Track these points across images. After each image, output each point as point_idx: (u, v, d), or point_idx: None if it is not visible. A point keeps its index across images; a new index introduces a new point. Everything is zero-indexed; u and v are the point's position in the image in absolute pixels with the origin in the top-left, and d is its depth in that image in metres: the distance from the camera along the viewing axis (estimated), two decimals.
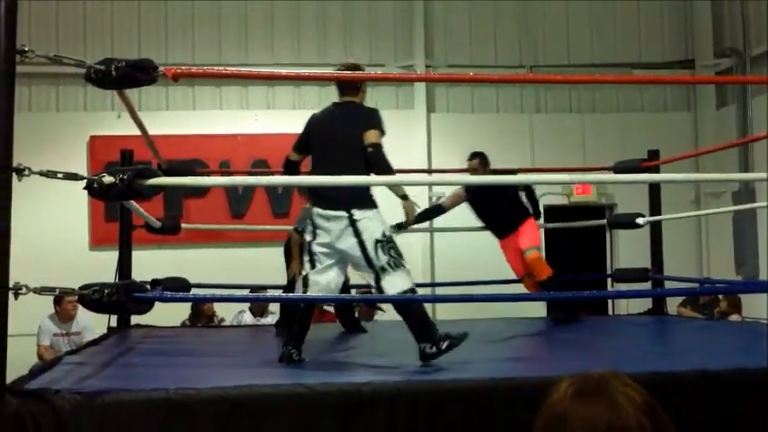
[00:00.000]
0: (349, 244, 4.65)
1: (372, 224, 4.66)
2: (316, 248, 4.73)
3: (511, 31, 12.37)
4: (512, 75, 11.97)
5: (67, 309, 8.76)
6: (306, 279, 4.75)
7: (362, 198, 4.69)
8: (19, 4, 3.31)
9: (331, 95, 12.53)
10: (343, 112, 5.00)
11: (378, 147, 4.79)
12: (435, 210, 7.85)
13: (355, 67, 5.20)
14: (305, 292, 4.72)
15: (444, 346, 4.39)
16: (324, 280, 4.71)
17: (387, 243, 4.64)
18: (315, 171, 4.97)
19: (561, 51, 12.39)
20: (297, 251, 6.13)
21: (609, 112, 12.40)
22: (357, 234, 4.63)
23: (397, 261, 4.64)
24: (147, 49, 11.02)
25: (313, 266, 4.72)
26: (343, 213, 4.65)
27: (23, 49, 3.32)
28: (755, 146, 10.83)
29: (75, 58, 3.62)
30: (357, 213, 4.66)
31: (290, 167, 5.27)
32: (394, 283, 4.61)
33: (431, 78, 12.57)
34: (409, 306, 4.64)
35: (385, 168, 4.82)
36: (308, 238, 4.79)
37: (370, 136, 4.78)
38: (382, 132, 4.89)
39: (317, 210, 4.74)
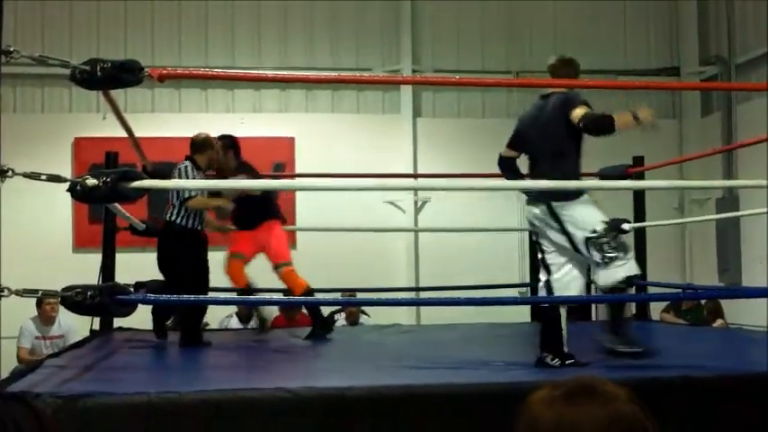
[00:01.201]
0: (555, 236, 4.68)
1: (576, 216, 4.64)
2: (544, 249, 4.75)
3: (498, 37, 12.39)
4: (497, 78, 11.99)
5: (46, 311, 8.70)
6: (548, 284, 4.74)
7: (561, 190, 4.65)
8: (4, 4, 3.29)
9: (318, 99, 12.68)
10: (543, 105, 5.01)
11: (585, 116, 4.57)
12: None
13: (569, 62, 5.40)
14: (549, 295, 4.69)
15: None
16: (564, 279, 4.70)
17: (597, 239, 4.53)
18: (531, 169, 5.07)
19: (548, 58, 12.36)
20: None
21: None
22: (560, 224, 4.65)
23: (610, 257, 4.51)
24: (134, 52, 10.97)
25: (548, 270, 4.73)
26: (543, 206, 4.72)
27: (8, 49, 3.30)
28: (740, 153, 10.88)
29: (60, 59, 3.61)
30: (555, 204, 4.68)
31: (505, 164, 5.35)
32: (605, 276, 4.56)
33: (417, 81, 12.59)
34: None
35: (607, 126, 4.56)
36: (534, 239, 4.85)
37: (575, 115, 4.60)
38: (584, 103, 4.70)
39: (526, 207, 4.81)
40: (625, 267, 4.56)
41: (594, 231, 4.56)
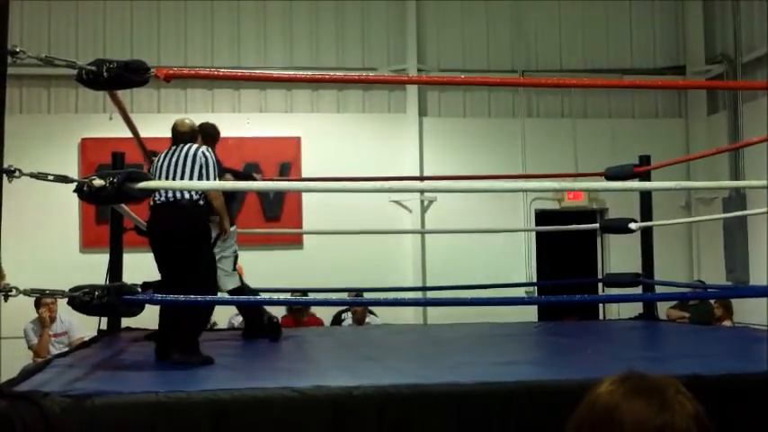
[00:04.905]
0: None
1: None
2: None
3: (503, 36, 12.39)
4: (503, 78, 11.98)
5: (44, 311, 8.68)
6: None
7: None
8: (10, 5, 3.30)
9: (323, 99, 12.68)
10: None
11: None
12: None
13: None
14: None
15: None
16: None
17: None
18: None
19: (553, 57, 12.41)
20: None
21: (600, 117, 12.43)
22: None
23: None
24: (140, 52, 10.99)
25: None
26: None
27: (15, 49, 3.31)
28: (746, 152, 10.87)
29: (66, 60, 3.61)
30: None
31: None
32: None
33: (423, 81, 12.58)
34: None
35: None
36: None
37: None
38: None
39: None
40: None
41: None
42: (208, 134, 6.56)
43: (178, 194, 5.06)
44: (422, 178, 11.29)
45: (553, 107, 12.47)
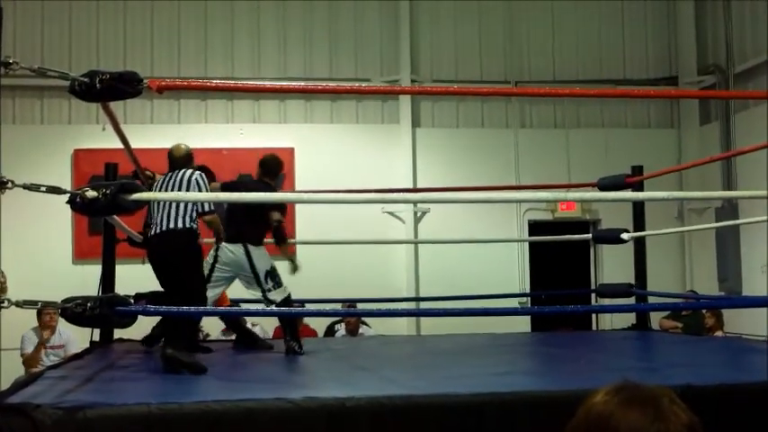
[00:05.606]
0: None
1: None
2: None
3: (496, 47, 12.41)
4: (496, 88, 12.00)
5: (45, 321, 8.68)
6: None
7: None
8: (4, 16, 3.30)
9: (317, 109, 12.68)
10: None
11: None
12: None
13: None
14: None
15: None
16: None
17: None
18: None
19: (546, 67, 12.44)
20: None
21: (593, 127, 12.46)
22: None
23: None
24: (133, 64, 10.99)
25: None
26: None
27: (8, 61, 3.31)
28: (738, 161, 10.90)
29: (59, 71, 3.61)
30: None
31: None
32: None
33: (416, 91, 12.60)
34: None
35: None
36: None
37: None
38: None
39: None
40: None
41: None
42: (269, 167, 6.75)
43: (171, 224, 5.40)
44: (415, 190, 11.30)
45: (546, 117, 12.49)
